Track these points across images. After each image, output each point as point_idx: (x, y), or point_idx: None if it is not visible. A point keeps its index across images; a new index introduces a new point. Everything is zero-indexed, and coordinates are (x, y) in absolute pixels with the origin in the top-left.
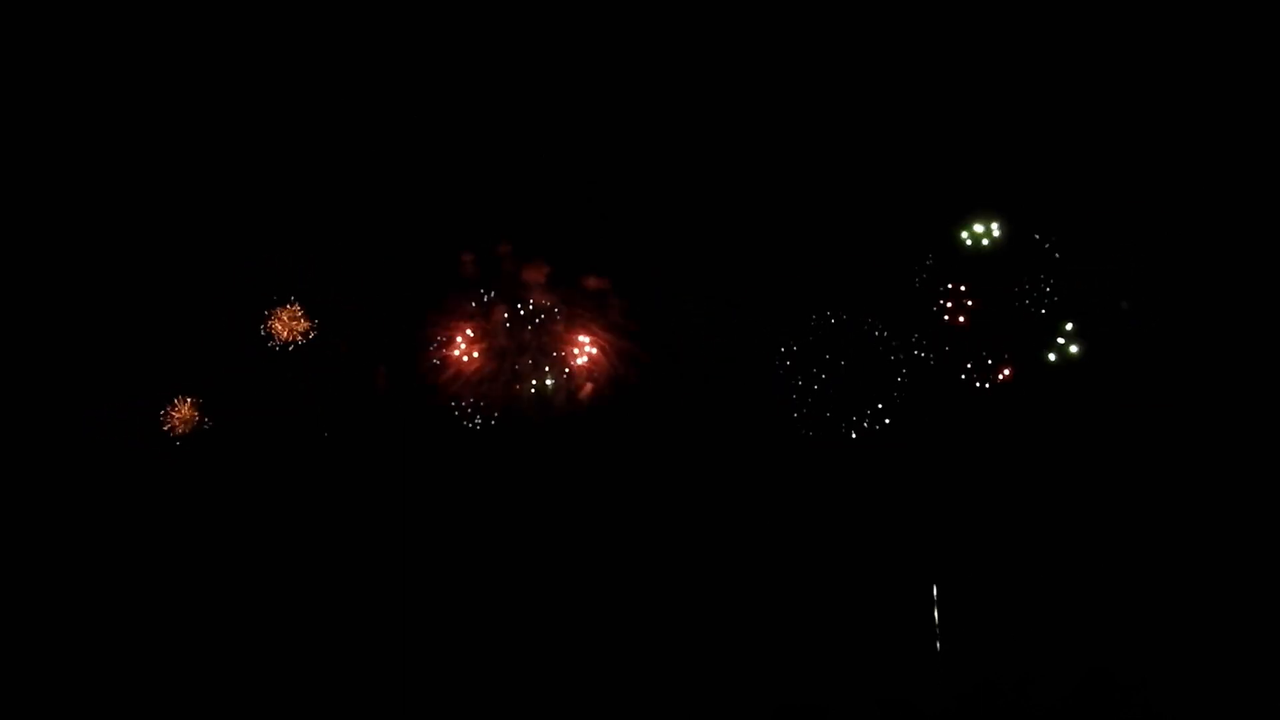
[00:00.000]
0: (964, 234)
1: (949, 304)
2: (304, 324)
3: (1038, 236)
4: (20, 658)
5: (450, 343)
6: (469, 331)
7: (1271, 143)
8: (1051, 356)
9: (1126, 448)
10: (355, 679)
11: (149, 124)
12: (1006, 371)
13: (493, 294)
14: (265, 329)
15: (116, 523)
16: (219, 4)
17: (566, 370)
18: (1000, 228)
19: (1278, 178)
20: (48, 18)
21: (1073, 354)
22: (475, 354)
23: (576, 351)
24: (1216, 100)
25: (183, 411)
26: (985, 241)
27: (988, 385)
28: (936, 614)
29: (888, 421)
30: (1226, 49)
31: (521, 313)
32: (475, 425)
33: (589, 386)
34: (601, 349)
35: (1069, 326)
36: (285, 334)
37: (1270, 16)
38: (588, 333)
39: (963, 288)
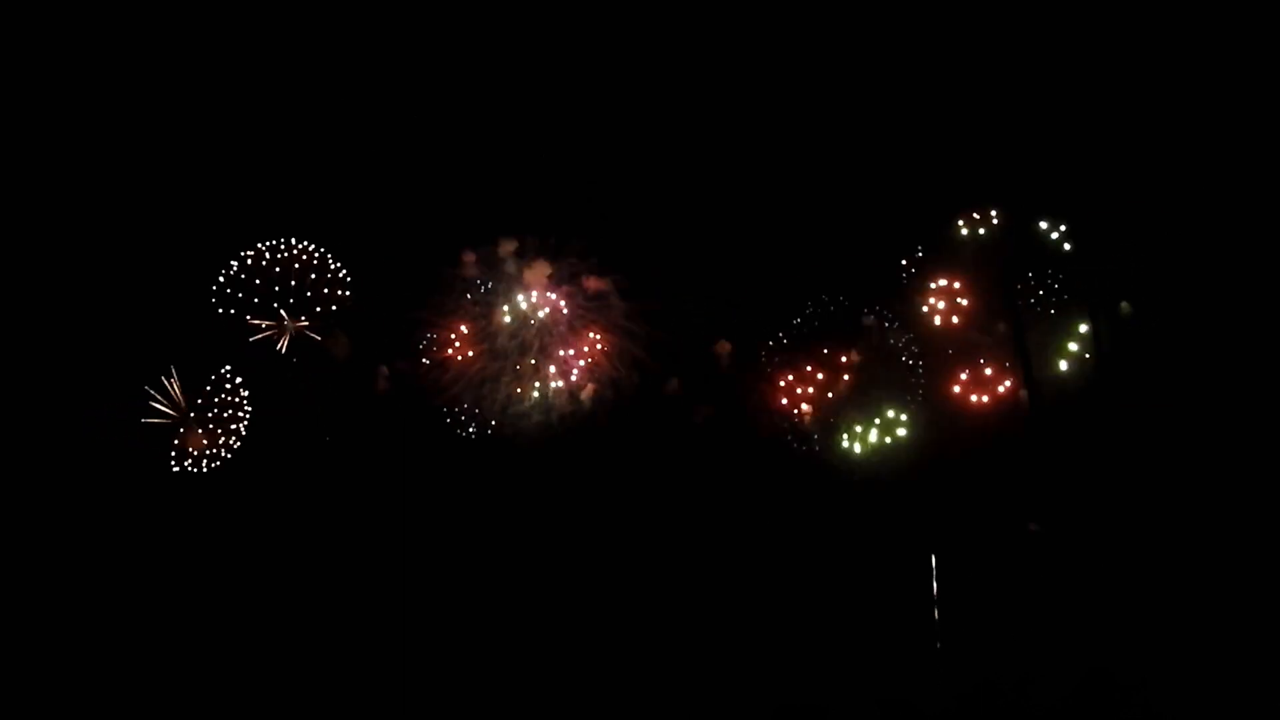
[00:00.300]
0: (960, 224)
1: (941, 304)
2: (303, 324)
3: (1044, 226)
4: (20, 657)
5: (450, 343)
6: (464, 329)
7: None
8: (1064, 365)
9: (1125, 449)
10: (353, 679)
11: (148, 125)
12: (1008, 383)
13: (493, 294)
14: (266, 330)
15: (115, 522)
16: (220, 4)
17: (574, 372)
18: (999, 216)
19: None
20: (50, 18)
21: (1085, 359)
22: (474, 355)
23: (586, 349)
24: (1224, 95)
25: (179, 410)
26: (982, 232)
27: (985, 399)
28: (937, 614)
29: (901, 433)
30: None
31: (523, 313)
32: (470, 433)
33: (590, 387)
34: (603, 349)
35: (1082, 329)
36: (284, 335)
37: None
38: (589, 333)
39: (957, 285)
